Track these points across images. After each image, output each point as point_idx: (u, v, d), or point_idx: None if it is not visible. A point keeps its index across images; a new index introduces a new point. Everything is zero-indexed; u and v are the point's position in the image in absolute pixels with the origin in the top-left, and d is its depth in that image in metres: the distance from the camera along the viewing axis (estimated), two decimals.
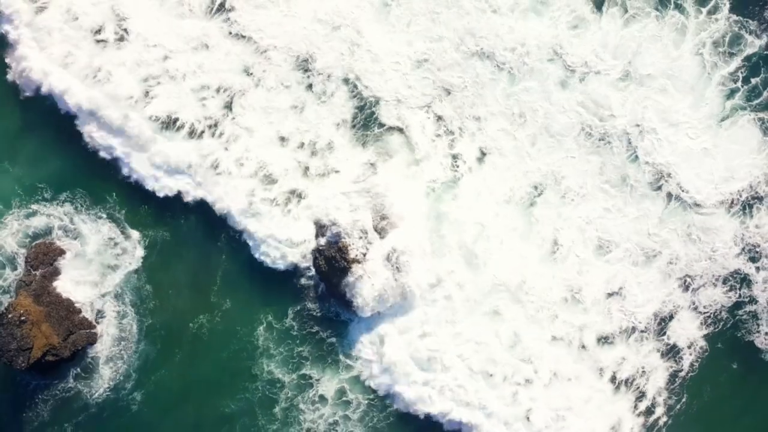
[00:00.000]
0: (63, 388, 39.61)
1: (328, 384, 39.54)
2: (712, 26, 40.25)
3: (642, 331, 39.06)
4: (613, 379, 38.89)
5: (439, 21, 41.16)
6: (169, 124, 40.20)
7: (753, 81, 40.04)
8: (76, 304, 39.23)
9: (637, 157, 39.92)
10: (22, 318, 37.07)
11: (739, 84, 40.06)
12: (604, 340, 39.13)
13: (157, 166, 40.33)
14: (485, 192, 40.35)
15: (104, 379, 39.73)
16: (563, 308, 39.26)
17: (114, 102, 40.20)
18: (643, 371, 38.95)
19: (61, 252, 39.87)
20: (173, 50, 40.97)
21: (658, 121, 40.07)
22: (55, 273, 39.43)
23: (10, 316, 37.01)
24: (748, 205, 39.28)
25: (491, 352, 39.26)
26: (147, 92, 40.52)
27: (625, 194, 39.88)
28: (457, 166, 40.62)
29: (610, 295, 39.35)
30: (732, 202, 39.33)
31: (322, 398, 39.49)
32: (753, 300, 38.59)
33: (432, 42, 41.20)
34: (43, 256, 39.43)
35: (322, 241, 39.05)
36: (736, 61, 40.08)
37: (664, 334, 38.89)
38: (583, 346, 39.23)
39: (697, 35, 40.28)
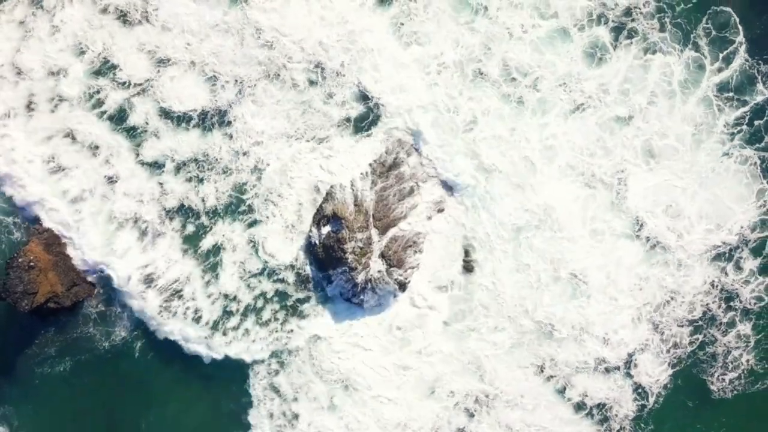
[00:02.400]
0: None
1: None
2: (725, 72, 41.05)
3: (613, 368, 40.24)
4: (579, 406, 40.22)
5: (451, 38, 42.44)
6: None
7: (756, 124, 40.83)
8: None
9: (623, 198, 40.89)
10: (31, 264, 38.79)
11: (739, 128, 40.83)
12: (576, 368, 40.41)
13: None
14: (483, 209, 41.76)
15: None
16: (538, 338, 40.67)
17: None
18: (609, 403, 40.15)
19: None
20: None
21: (648, 163, 41.05)
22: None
23: (20, 260, 38.72)
24: (728, 254, 40.25)
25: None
26: None
27: (604, 236, 40.90)
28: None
29: (584, 330, 40.53)
30: (713, 250, 40.23)
31: None
32: (714, 341, 39.90)
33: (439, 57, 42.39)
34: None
35: (324, 230, 40.44)
36: (743, 109, 40.89)
37: (632, 368, 40.07)
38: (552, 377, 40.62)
39: (709, 78, 41.05)
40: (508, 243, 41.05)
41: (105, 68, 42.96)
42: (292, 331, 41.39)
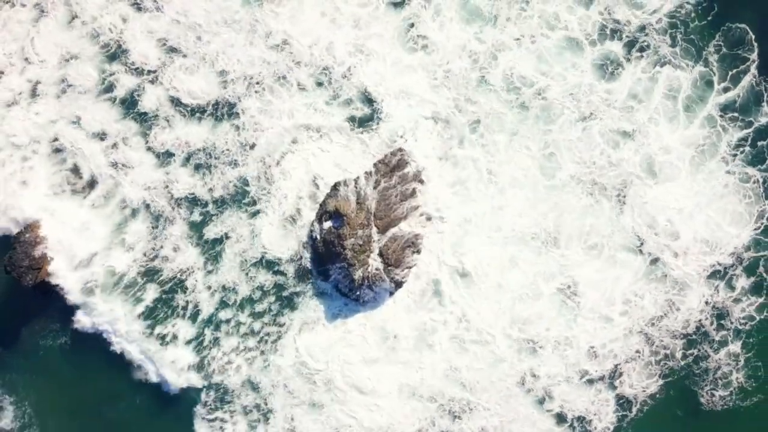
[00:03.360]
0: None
1: None
2: (732, 91, 41.03)
3: (597, 378, 40.21)
4: (560, 416, 40.20)
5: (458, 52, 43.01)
6: None
7: (759, 144, 40.77)
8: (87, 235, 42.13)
9: (621, 213, 41.01)
10: (38, 240, 39.90)
11: (741, 148, 40.81)
12: (558, 381, 40.41)
13: None
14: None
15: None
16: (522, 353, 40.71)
17: None
18: (593, 411, 40.06)
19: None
20: None
21: (649, 179, 41.12)
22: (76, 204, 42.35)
23: (27, 236, 39.94)
24: (722, 272, 40.17)
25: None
26: None
27: (601, 250, 40.98)
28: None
29: (570, 344, 40.55)
30: (709, 269, 40.18)
31: None
32: (707, 357, 39.75)
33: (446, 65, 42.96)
34: (67, 185, 42.43)
35: (325, 225, 41.08)
36: (747, 130, 40.83)
37: (617, 378, 40.01)
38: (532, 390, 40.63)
39: (716, 97, 41.07)
40: (503, 251, 41.34)
41: (117, 53, 44.30)
42: (284, 324, 41.92)
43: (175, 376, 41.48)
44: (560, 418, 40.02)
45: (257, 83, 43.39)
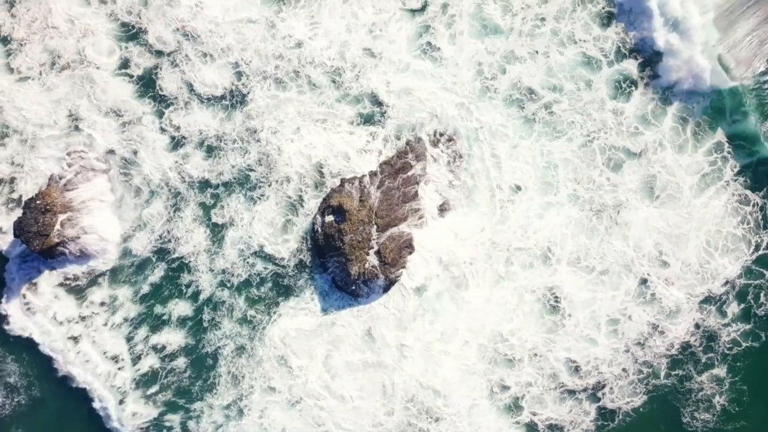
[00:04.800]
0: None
1: None
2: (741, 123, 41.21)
3: (580, 390, 40.48)
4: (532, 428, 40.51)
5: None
6: None
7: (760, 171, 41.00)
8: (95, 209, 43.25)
9: (615, 233, 41.36)
10: (47, 207, 41.04)
11: (744, 176, 41.02)
12: (535, 393, 40.75)
13: None
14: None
15: None
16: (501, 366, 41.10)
17: None
18: (568, 420, 40.30)
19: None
20: None
21: (648, 201, 41.50)
22: (87, 177, 43.40)
23: (38, 202, 41.04)
24: (717, 299, 40.40)
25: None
26: None
27: (593, 268, 41.39)
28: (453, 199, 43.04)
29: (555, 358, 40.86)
30: (703, 296, 40.41)
31: None
32: (691, 377, 39.92)
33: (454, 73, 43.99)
34: (81, 158, 43.52)
35: (327, 219, 41.80)
36: (751, 158, 40.99)
37: (602, 389, 40.22)
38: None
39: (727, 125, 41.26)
40: (495, 262, 41.85)
41: (135, 34, 45.75)
42: (275, 313, 42.61)
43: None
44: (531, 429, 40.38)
45: (270, 78, 44.53)
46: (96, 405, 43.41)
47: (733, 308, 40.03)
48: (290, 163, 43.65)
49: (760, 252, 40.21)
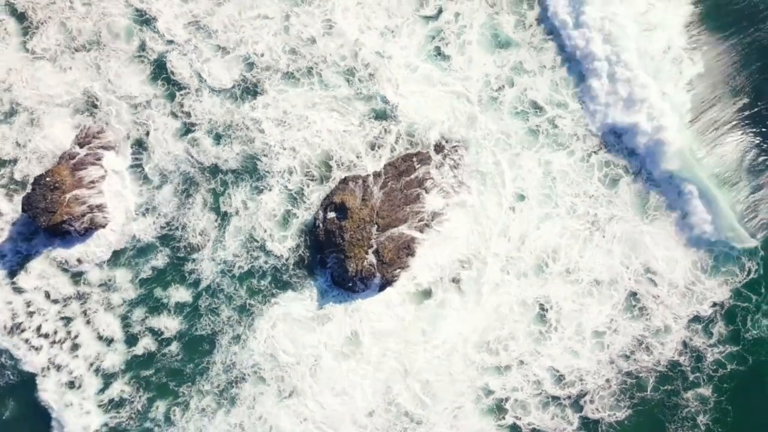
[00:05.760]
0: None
1: None
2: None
3: (564, 397, 40.63)
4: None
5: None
6: None
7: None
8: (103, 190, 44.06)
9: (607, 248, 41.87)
10: (56, 185, 41.77)
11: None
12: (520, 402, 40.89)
13: None
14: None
15: None
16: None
17: None
18: (552, 427, 40.39)
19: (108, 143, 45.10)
20: None
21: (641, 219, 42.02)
22: (97, 157, 44.19)
23: (47, 179, 41.78)
24: (704, 319, 40.64)
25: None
26: None
27: (581, 280, 41.83)
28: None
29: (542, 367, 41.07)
30: (691, 316, 40.66)
31: None
32: (677, 393, 39.96)
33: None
34: (92, 139, 44.31)
35: (329, 215, 42.49)
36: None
37: (584, 396, 40.37)
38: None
39: None
40: (492, 271, 42.33)
41: (149, 20, 47.01)
42: (271, 303, 43.09)
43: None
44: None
45: (281, 72, 45.55)
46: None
47: (721, 329, 40.19)
48: (296, 154, 44.43)
49: (750, 276, 40.50)
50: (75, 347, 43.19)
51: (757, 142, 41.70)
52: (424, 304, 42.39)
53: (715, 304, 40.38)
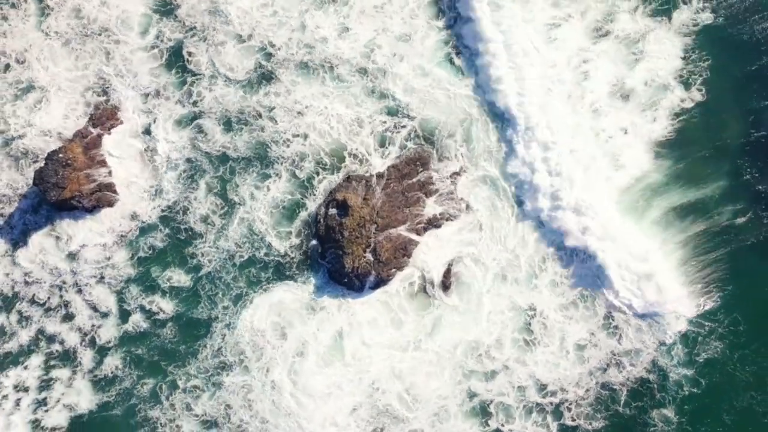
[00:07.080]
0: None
1: None
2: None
3: (545, 404, 41.07)
4: None
5: None
6: None
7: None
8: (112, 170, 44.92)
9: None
10: (68, 161, 42.53)
11: None
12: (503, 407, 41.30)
13: None
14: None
15: None
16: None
17: None
18: None
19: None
20: None
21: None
22: (109, 138, 45.09)
23: (60, 155, 42.57)
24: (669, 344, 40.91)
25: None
26: None
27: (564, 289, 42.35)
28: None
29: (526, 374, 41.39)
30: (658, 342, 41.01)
31: None
32: (647, 411, 40.23)
33: None
34: (106, 120, 45.15)
35: (330, 211, 43.29)
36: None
37: (563, 404, 40.77)
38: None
39: None
40: (486, 277, 42.91)
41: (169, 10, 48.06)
42: (266, 290, 43.81)
43: None
44: None
45: (297, 64, 46.53)
46: None
47: (678, 351, 40.44)
48: (307, 141, 45.26)
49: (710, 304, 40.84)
50: (69, 317, 44.24)
51: None
52: (415, 305, 43.00)
53: (679, 332, 40.66)
